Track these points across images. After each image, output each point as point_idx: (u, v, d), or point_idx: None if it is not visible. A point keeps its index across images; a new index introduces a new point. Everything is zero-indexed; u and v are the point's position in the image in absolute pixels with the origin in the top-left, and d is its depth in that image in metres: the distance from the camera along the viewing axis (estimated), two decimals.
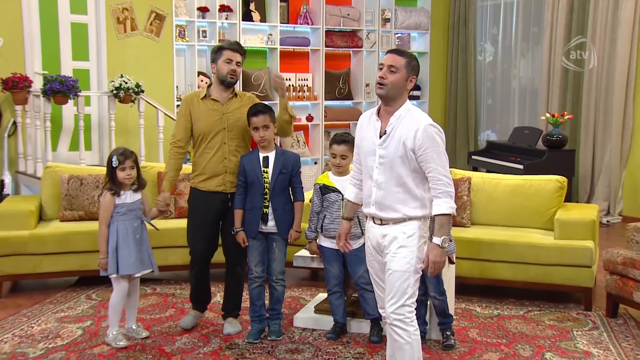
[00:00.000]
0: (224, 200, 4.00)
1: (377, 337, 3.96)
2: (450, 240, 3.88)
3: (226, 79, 3.96)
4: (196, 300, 4.28)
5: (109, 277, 3.92)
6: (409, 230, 2.98)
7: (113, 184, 3.87)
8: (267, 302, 4.14)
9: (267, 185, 3.92)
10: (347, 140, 3.94)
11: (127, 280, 3.94)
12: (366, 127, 3.10)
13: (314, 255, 4.19)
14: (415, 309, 3.00)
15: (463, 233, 4.86)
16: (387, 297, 3.00)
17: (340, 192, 3.98)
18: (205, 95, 4.02)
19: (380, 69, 3.02)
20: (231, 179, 3.99)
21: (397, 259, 2.97)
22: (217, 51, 3.99)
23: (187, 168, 4.69)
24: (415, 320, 3.00)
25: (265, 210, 3.94)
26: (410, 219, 2.98)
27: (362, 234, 3.85)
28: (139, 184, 3.98)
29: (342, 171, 4.00)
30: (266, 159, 3.94)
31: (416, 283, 3.01)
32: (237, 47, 3.99)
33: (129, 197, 3.91)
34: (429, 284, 3.90)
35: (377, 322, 3.98)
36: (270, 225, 3.95)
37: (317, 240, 4.12)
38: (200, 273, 4.12)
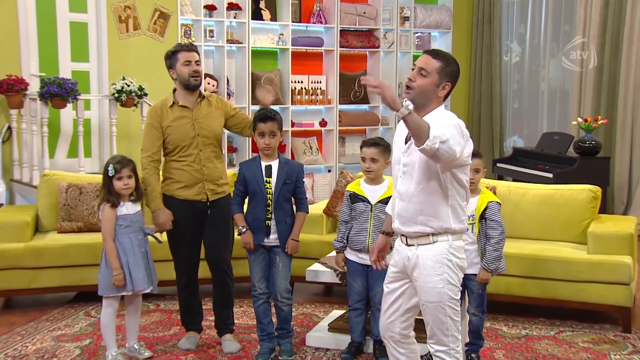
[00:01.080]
0: (204, 208, 4.07)
1: (384, 357, 3.90)
2: (501, 258, 3.85)
3: (190, 82, 4.00)
4: (189, 320, 4.29)
5: (100, 295, 3.91)
6: (436, 255, 2.89)
7: (110, 194, 3.87)
8: (274, 319, 4.14)
9: (270, 196, 3.93)
10: (378, 143, 3.93)
11: (118, 299, 3.94)
12: (398, 133, 3.07)
13: (342, 269, 4.12)
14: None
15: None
16: (427, 332, 2.97)
17: (369, 202, 3.95)
18: (173, 102, 4.04)
19: (413, 69, 2.94)
20: (210, 187, 4.06)
21: (426, 289, 2.90)
22: (170, 56, 4.06)
23: None
24: (461, 353, 2.96)
25: (267, 222, 3.95)
26: (435, 235, 2.89)
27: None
28: (137, 194, 3.98)
29: (372, 177, 3.96)
30: (269, 168, 3.96)
31: (456, 310, 2.92)
32: (191, 46, 4.07)
33: (129, 208, 3.92)
34: (471, 298, 3.90)
35: (382, 343, 3.92)
36: (273, 238, 3.97)
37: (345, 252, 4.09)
38: (190, 284, 4.18)
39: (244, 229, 3.96)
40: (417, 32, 9.22)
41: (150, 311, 4.88)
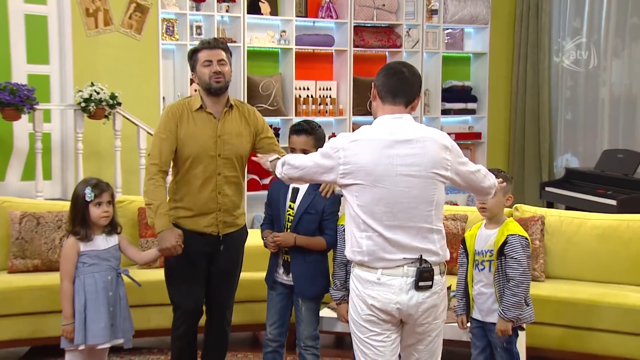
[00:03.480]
0: (214, 242, 4.09)
1: None
2: (527, 305, 3.91)
3: (211, 85, 4.01)
4: None
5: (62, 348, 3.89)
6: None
7: (83, 225, 3.87)
8: None
9: (289, 224, 4.03)
10: None
11: (85, 353, 3.91)
12: None
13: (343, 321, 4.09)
14: None
15: (535, 289, 4.72)
16: None
17: None
18: (201, 106, 4.06)
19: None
20: (225, 218, 4.08)
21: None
22: (191, 56, 4.09)
23: None
24: None
25: (285, 256, 4.04)
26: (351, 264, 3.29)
27: None
28: (112, 225, 4.00)
29: None
30: (296, 191, 4.04)
31: (357, 345, 3.29)
32: (214, 43, 4.07)
33: (101, 241, 3.92)
34: (496, 356, 3.93)
35: None
36: (292, 276, 4.07)
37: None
38: (189, 333, 4.17)
39: (265, 237, 4.07)
40: (448, 29, 9.14)
41: None
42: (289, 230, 4.01)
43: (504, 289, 3.82)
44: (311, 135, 3.98)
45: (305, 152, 3.90)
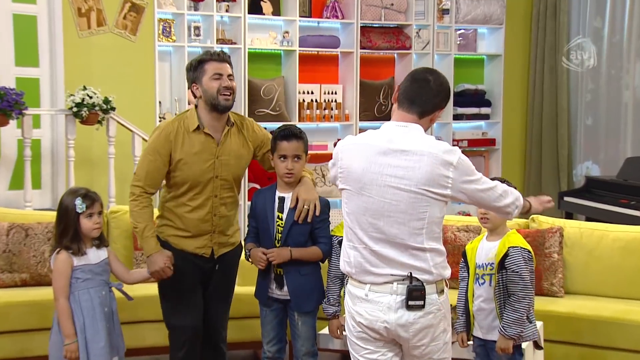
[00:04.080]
0: (207, 262, 4.14)
1: None
2: (530, 322, 3.91)
3: (219, 102, 3.96)
4: None
5: None
6: None
7: (74, 239, 3.86)
8: None
9: (280, 235, 4.02)
10: None
11: None
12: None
13: (340, 338, 4.19)
14: None
15: (554, 305, 4.82)
16: None
17: None
18: (198, 126, 4.01)
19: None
20: (219, 240, 4.12)
21: None
22: (195, 67, 4.02)
23: None
24: None
25: (279, 270, 4.04)
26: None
27: None
28: (101, 238, 4.00)
29: None
30: (282, 200, 4.04)
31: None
32: (223, 56, 4.06)
33: (92, 256, 3.92)
34: None
35: None
36: (287, 290, 4.06)
37: (340, 317, 4.11)
38: (192, 355, 4.15)
39: (248, 251, 4.08)
40: (460, 29, 9.10)
41: None
42: (279, 242, 4.00)
43: (505, 305, 3.83)
44: (301, 139, 4.02)
45: (298, 157, 3.98)
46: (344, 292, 3.40)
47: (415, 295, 3.07)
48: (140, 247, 3.97)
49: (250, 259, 4.08)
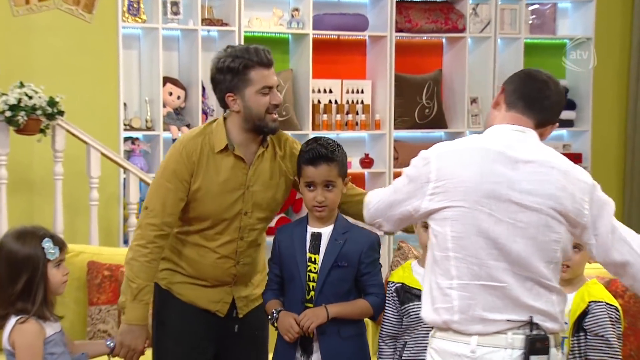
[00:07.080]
0: (224, 322, 3.90)
1: None
2: None
3: (267, 125, 3.75)
4: None
5: None
6: None
7: (44, 299, 3.56)
8: None
9: (313, 284, 3.79)
10: None
11: None
12: None
13: None
14: None
15: None
16: None
17: None
18: (227, 146, 3.75)
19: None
20: (241, 293, 3.93)
21: None
22: (238, 71, 3.70)
23: None
24: None
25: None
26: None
27: None
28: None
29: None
30: (317, 238, 3.78)
31: None
32: (270, 59, 3.79)
33: (53, 323, 3.64)
34: None
35: None
36: (316, 358, 3.80)
37: None
38: None
39: (276, 314, 3.81)
40: (533, 3, 8.33)
41: None
42: (312, 293, 3.77)
43: None
44: (333, 161, 3.72)
45: (329, 185, 3.77)
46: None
47: (538, 347, 2.91)
48: (121, 307, 3.76)
49: (275, 324, 3.83)
